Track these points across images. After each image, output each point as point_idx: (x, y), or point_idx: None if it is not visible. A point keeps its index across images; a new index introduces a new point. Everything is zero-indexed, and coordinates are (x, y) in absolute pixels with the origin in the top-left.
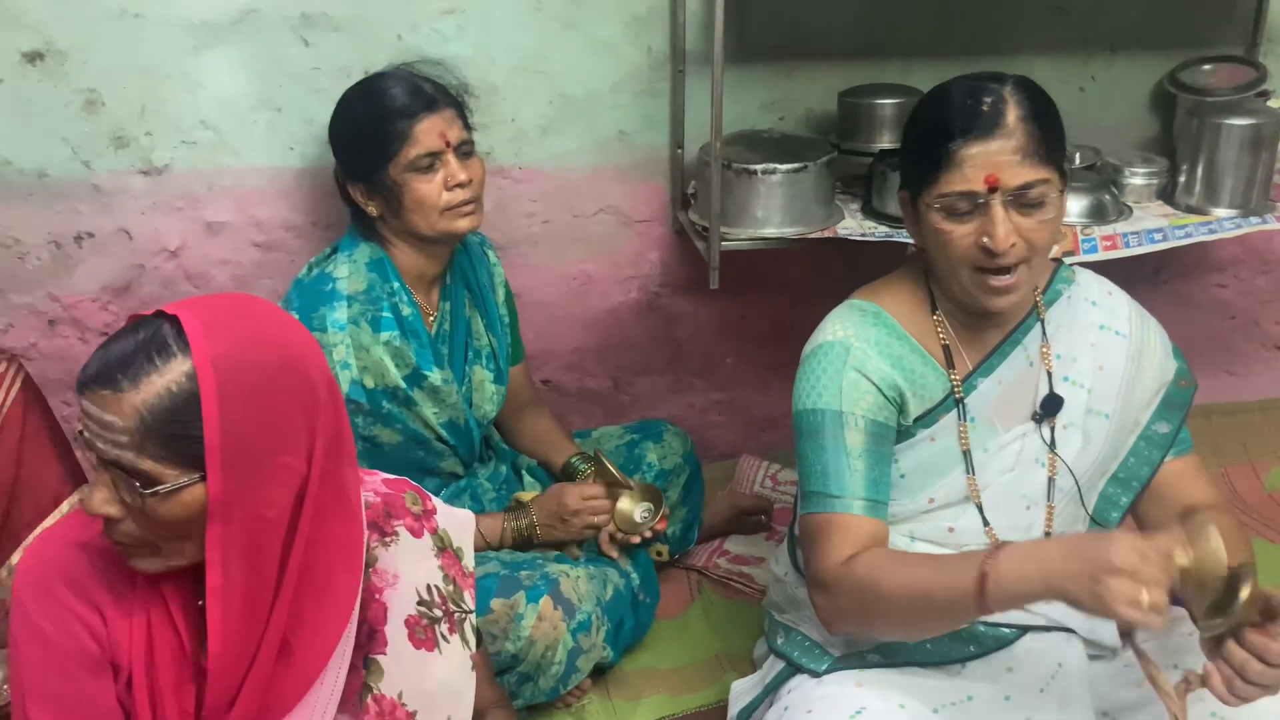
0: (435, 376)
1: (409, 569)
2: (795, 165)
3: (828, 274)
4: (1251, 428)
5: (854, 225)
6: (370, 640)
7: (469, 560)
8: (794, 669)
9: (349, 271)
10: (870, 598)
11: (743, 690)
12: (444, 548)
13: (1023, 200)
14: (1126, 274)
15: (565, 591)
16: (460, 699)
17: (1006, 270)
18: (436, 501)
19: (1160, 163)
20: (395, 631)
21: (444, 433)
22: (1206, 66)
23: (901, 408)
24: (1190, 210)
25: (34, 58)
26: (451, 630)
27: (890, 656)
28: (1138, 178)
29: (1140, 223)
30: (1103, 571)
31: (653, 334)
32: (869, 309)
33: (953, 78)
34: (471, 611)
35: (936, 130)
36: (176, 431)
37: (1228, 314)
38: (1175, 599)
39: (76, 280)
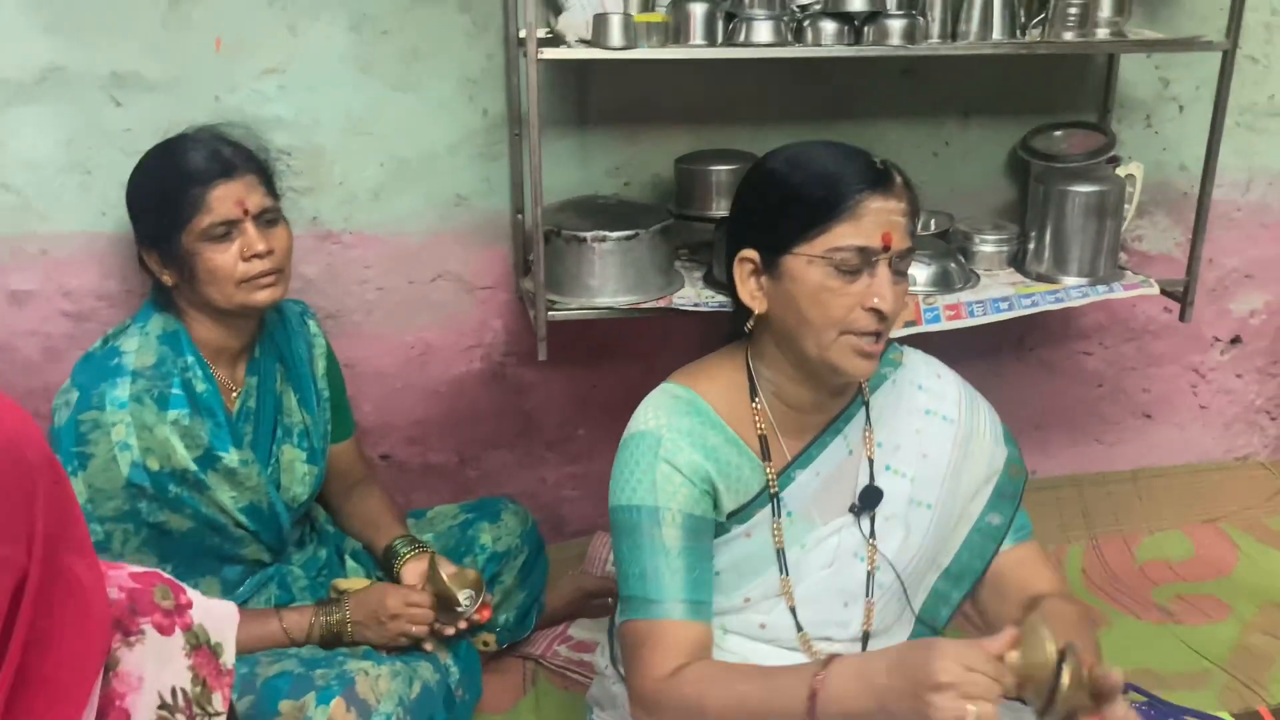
0: (231, 457)
1: (154, 671)
2: (627, 233)
3: (680, 341)
4: (1122, 498)
5: (691, 294)
6: None
7: (228, 656)
8: None
9: (138, 345)
10: (696, 716)
11: None
12: (198, 644)
13: (898, 267)
14: (992, 342)
15: (361, 691)
16: None
17: (877, 334)
18: (193, 594)
19: (1011, 229)
20: None
21: (243, 518)
22: (1058, 132)
23: (715, 502)
24: (1040, 278)
25: None
26: None
27: None
28: (988, 245)
29: (986, 291)
30: (927, 688)
31: (500, 405)
32: (683, 395)
33: (799, 142)
34: (221, 714)
35: (831, 180)
36: None
37: (1095, 382)
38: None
39: None
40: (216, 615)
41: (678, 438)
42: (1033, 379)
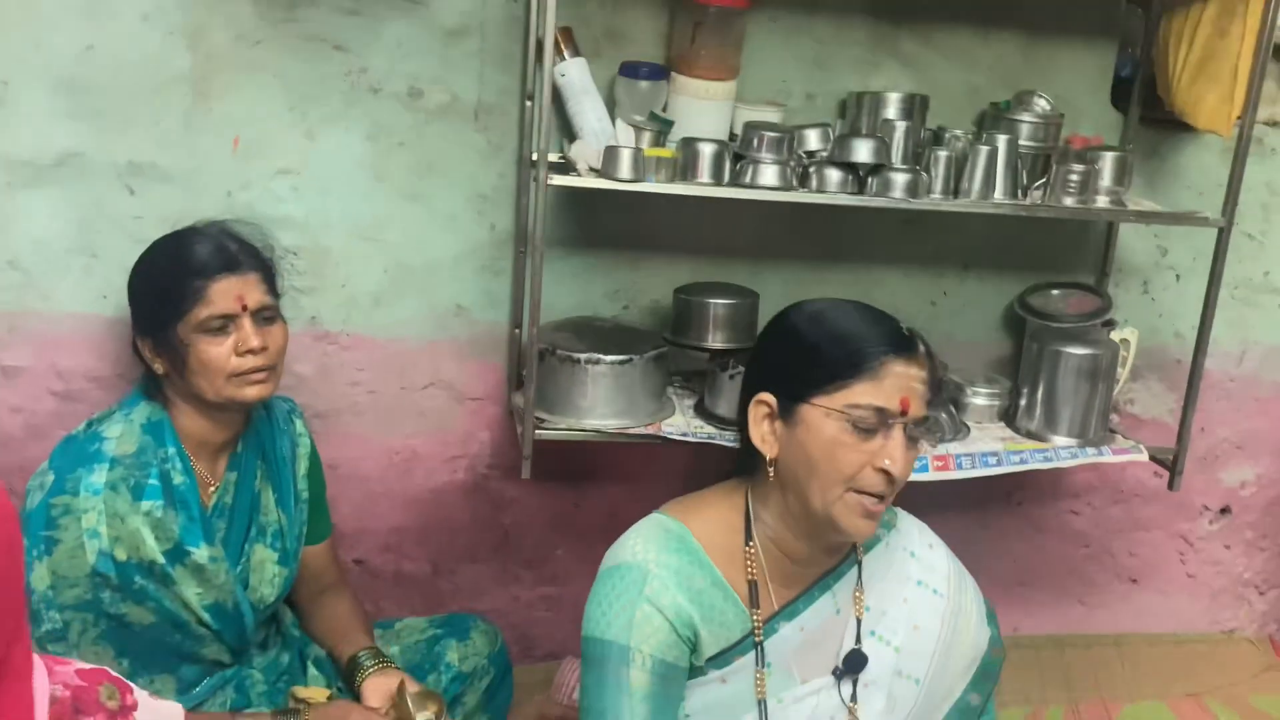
0: (201, 553)
1: None
2: (621, 357)
3: (666, 468)
4: (1104, 662)
5: (681, 422)
6: None
7: None
8: None
9: (121, 431)
10: None
11: None
12: None
13: (912, 433)
14: (980, 495)
15: None
16: None
17: (883, 496)
18: (140, 694)
19: (1003, 384)
20: None
21: (207, 616)
22: (1055, 292)
23: (695, 647)
24: (1030, 435)
25: None
26: None
27: None
28: (980, 397)
29: (976, 444)
30: None
31: (479, 518)
32: (674, 530)
33: (826, 298)
34: None
35: (857, 338)
36: None
37: (1082, 543)
38: None
39: None
40: (163, 716)
41: (666, 575)
42: (1019, 534)
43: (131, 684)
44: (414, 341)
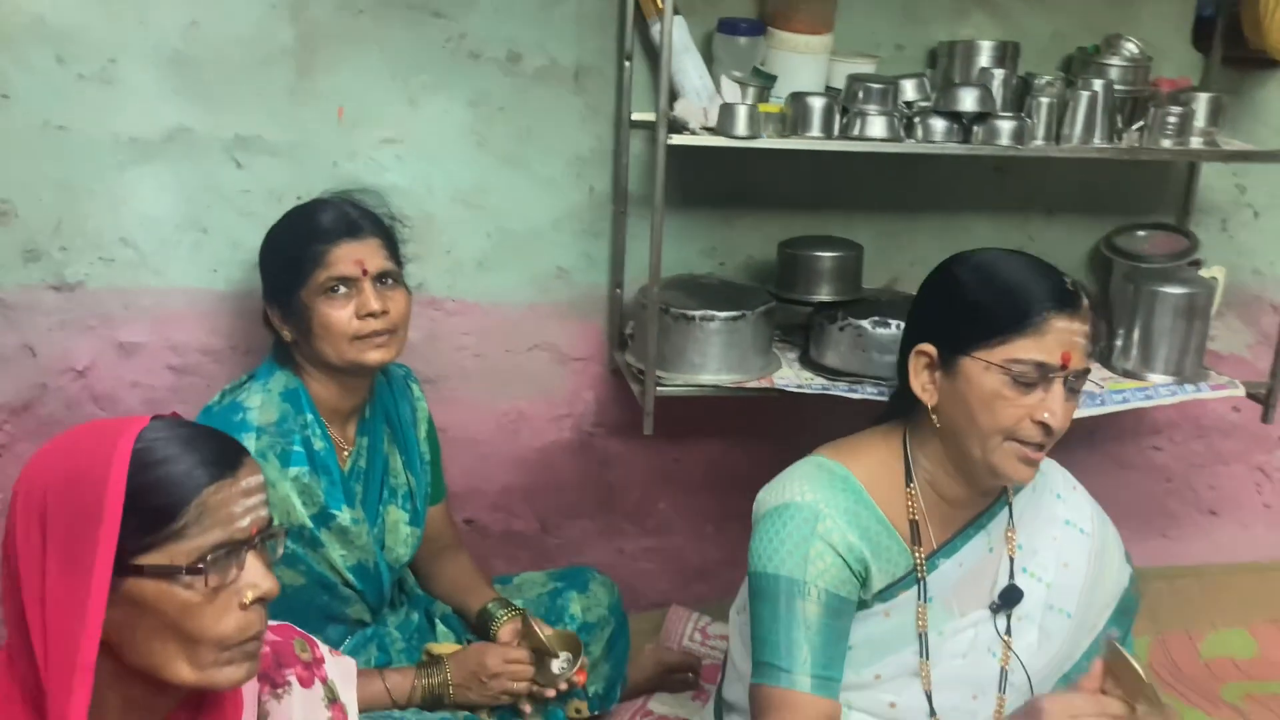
0: (344, 516)
1: None
2: (734, 313)
3: (764, 422)
4: (1187, 594)
5: (791, 375)
6: None
7: (353, 714)
8: None
9: (261, 401)
10: None
11: None
12: (334, 699)
13: (1073, 385)
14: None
15: None
16: None
17: (1041, 446)
18: (324, 648)
19: (1098, 326)
20: None
21: (351, 577)
22: (1140, 233)
23: (865, 582)
24: (1127, 375)
25: None
26: None
27: None
28: None
29: None
30: None
31: (584, 476)
32: (838, 472)
33: (991, 249)
34: None
35: (1021, 293)
36: None
37: (1163, 477)
38: None
39: None
40: (341, 670)
41: (836, 516)
42: (1102, 472)
43: (315, 639)
44: (516, 305)
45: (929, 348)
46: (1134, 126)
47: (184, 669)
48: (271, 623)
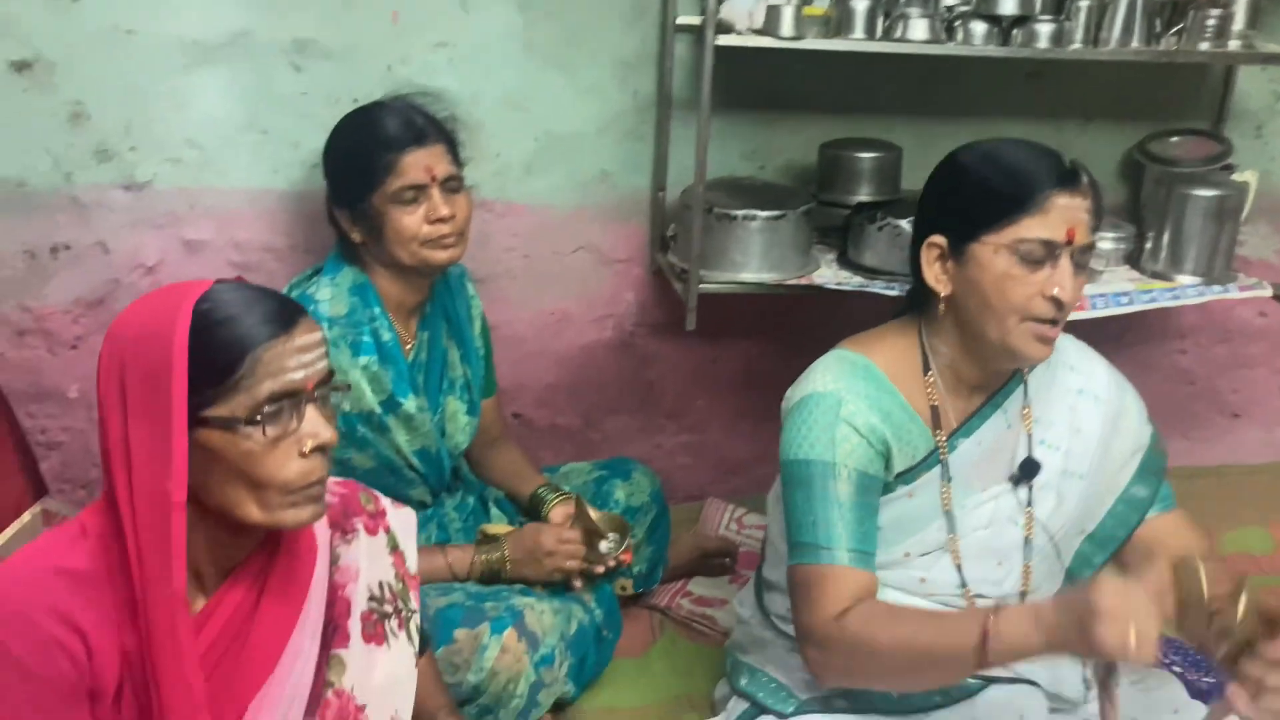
0: (410, 404)
1: (365, 566)
2: (775, 212)
3: (800, 322)
4: (1207, 492)
5: (830, 274)
6: (334, 635)
7: (412, 563)
8: (758, 710)
9: (331, 294)
10: (865, 654)
11: None
12: (395, 547)
13: (1079, 260)
14: (1091, 336)
15: (530, 624)
16: (404, 695)
17: (1055, 321)
18: (385, 501)
19: (1127, 229)
20: (353, 627)
21: (415, 461)
22: (1174, 138)
23: (888, 462)
24: (1155, 276)
25: (22, 67)
26: (400, 626)
27: (856, 702)
28: (1106, 243)
29: (1108, 285)
30: (1090, 616)
31: (625, 374)
32: (859, 361)
33: (990, 139)
34: (416, 612)
35: (1022, 176)
36: None
37: (1187, 380)
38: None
39: (49, 292)
40: (402, 521)
41: (857, 401)
42: (1128, 373)
43: (377, 493)
44: (562, 208)
45: (939, 239)
46: (1172, 30)
47: (254, 510)
48: (338, 479)
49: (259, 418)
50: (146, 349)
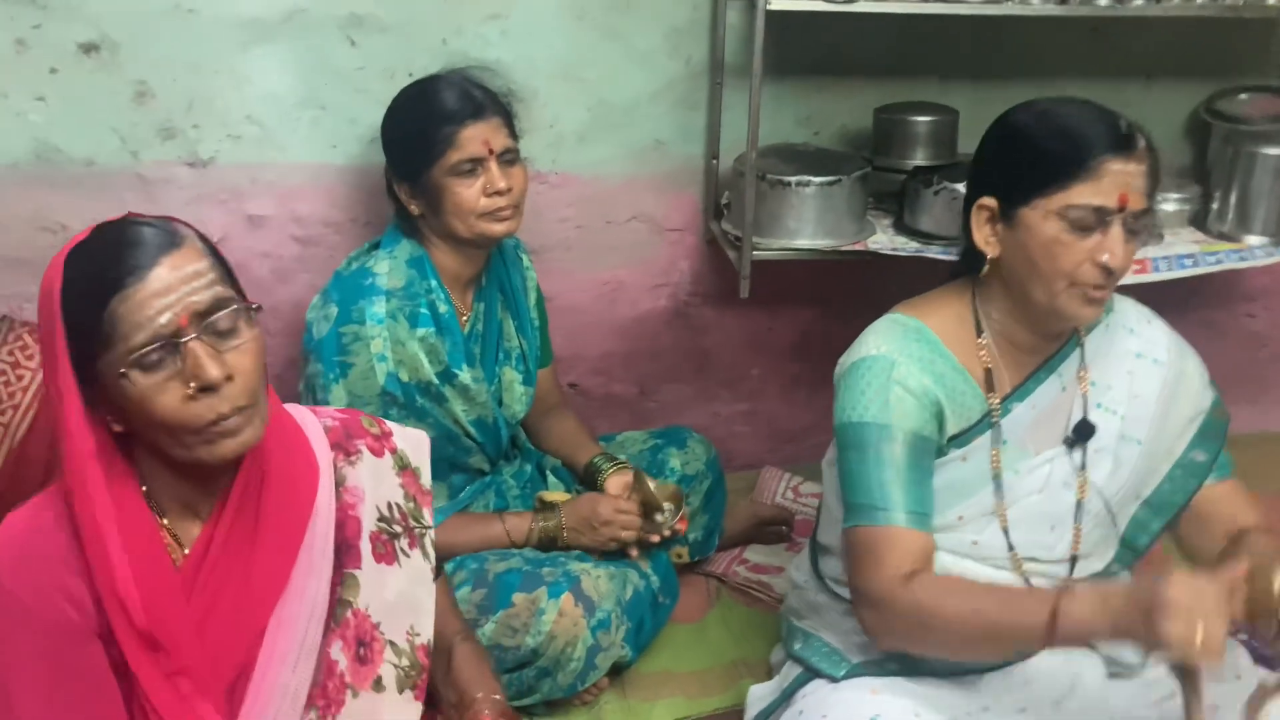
0: (466, 375)
1: (372, 486)
2: (829, 178)
3: (855, 290)
4: (1276, 459)
5: (885, 240)
6: (347, 555)
7: (426, 479)
8: (811, 674)
9: (389, 268)
10: (928, 620)
11: (760, 695)
12: (404, 466)
13: (1132, 226)
14: (1156, 300)
15: (586, 589)
16: (420, 609)
17: (1104, 287)
18: (391, 425)
19: (1193, 190)
20: (364, 546)
21: (473, 430)
22: (1243, 96)
23: (941, 425)
24: (1222, 237)
25: (89, 49)
26: (412, 545)
27: (908, 666)
28: (1170, 204)
29: (1171, 248)
30: (1158, 611)
31: (680, 342)
32: (911, 324)
33: (1048, 98)
34: (430, 528)
35: (1074, 140)
36: (222, 259)
37: (1259, 344)
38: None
39: None
40: (412, 441)
41: (910, 363)
42: (1196, 338)
43: (381, 418)
44: (616, 177)
45: (990, 201)
46: None
47: (178, 449)
48: (336, 409)
49: (136, 368)
50: (41, 308)
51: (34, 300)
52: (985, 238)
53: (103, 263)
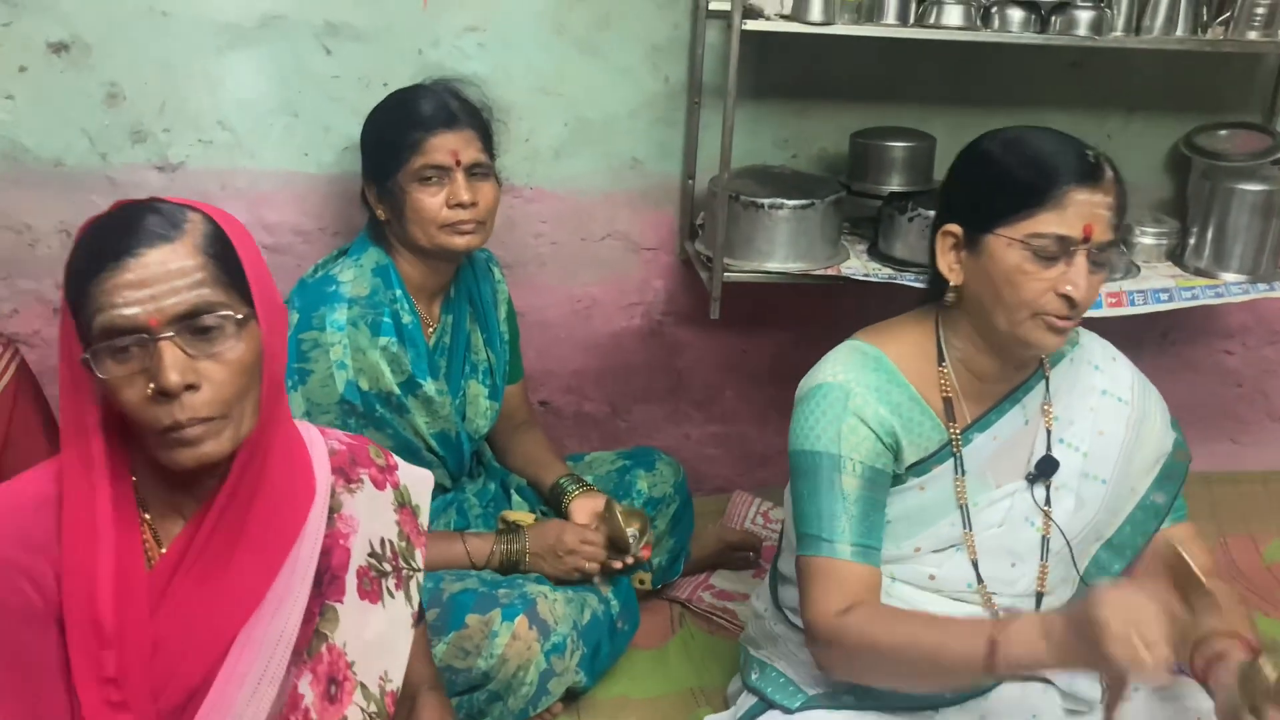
0: (429, 387)
1: (367, 519)
2: (803, 201)
3: (831, 314)
4: (1252, 499)
5: (858, 265)
6: (331, 586)
7: (424, 519)
8: (766, 705)
9: (353, 275)
10: (866, 654)
11: None
12: (404, 503)
13: (1097, 258)
14: (1134, 334)
15: (542, 612)
16: (395, 654)
17: (1068, 317)
18: (396, 459)
19: (1171, 224)
20: (349, 581)
21: (434, 443)
22: (1223, 132)
23: (896, 455)
24: (1199, 273)
25: (60, 48)
26: (398, 586)
27: (864, 698)
28: (1147, 237)
29: (1147, 282)
30: (1099, 634)
31: (653, 362)
32: (870, 352)
33: (1019, 126)
34: (420, 570)
35: (1041, 168)
36: (231, 261)
37: (1234, 381)
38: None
39: None
40: (416, 478)
41: (866, 392)
42: (1172, 373)
43: (389, 451)
44: (591, 194)
45: (955, 228)
46: (1220, 18)
47: (148, 448)
48: (343, 433)
49: (107, 355)
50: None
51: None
52: (949, 264)
53: (97, 241)
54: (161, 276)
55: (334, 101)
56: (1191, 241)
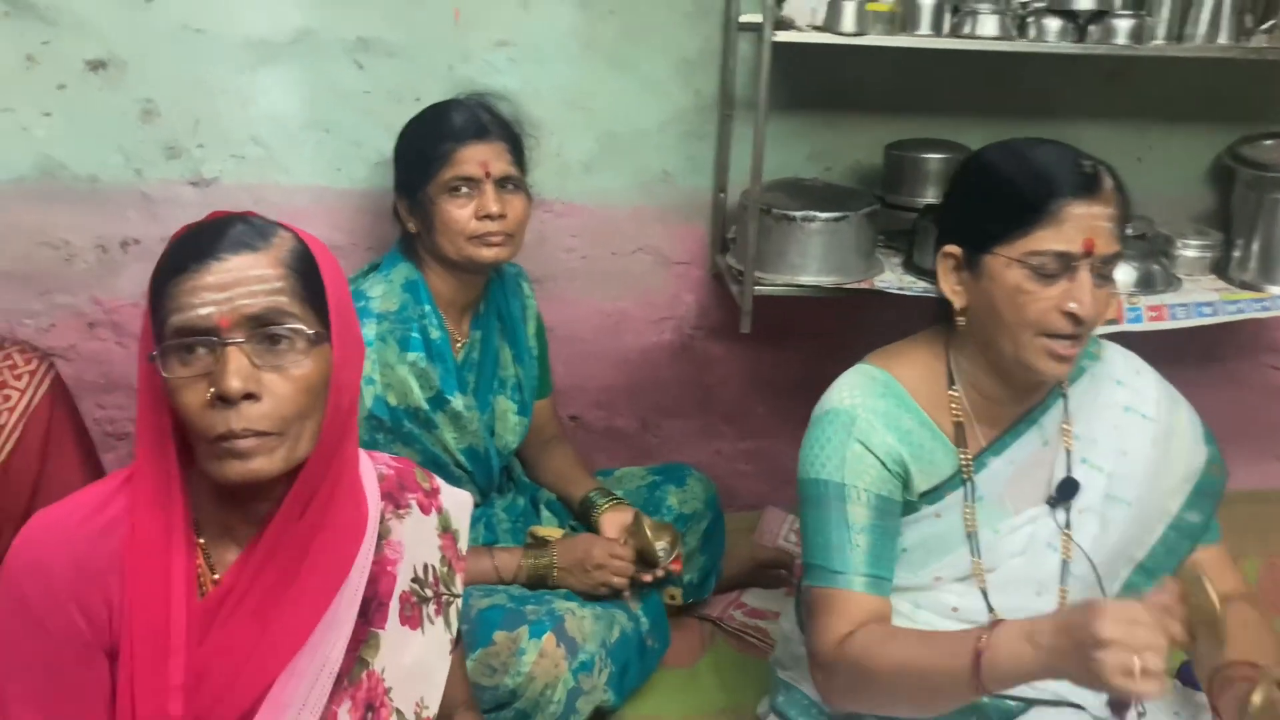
0: (458, 402)
1: (413, 544)
2: (836, 214)
3: (864, 329)
4: None
5: (893, 279)
6: (376, 613)
7: (464, 543)
8: None
9: (383, 291)
10: (864, 678)
11: None
12: (446, 529)
13: (1101, 271)
14: (1177, 349)
15: (570, 630)
16: (432, 681)
17: (1074, 338)
18: (440, 481)
19: (1214, 236)
20: (393, 606)
21: (463, 459)
22: (1268, 141)
23: (906, 483)
24: (1244, 286)
25: (97, 66)
26: (438, 612)
27: None
28: (1190, 250)
29: (1190, 295)
30: (1093, 644)
31: (684, 377)
32: (879, 376)
33: (1017, 139)
34: (459, 596)
35: (1034, 184)
36: (313, 280)
37: None
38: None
39: (120, 285)
40: (457, 502)
41: (873, 418)
42: (1216, 390)
43: (432, 473)
44: (621, 208)
45: (954, 249)
46: (1264, 25)
47: (200, 458)
48: (389, 455)
49: (173, 355)
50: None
51: (33, 317)
52: (951, 287)
53: (185, 245)
54: (241, 281)
55: (365, 116)
56: (1236, 254)
